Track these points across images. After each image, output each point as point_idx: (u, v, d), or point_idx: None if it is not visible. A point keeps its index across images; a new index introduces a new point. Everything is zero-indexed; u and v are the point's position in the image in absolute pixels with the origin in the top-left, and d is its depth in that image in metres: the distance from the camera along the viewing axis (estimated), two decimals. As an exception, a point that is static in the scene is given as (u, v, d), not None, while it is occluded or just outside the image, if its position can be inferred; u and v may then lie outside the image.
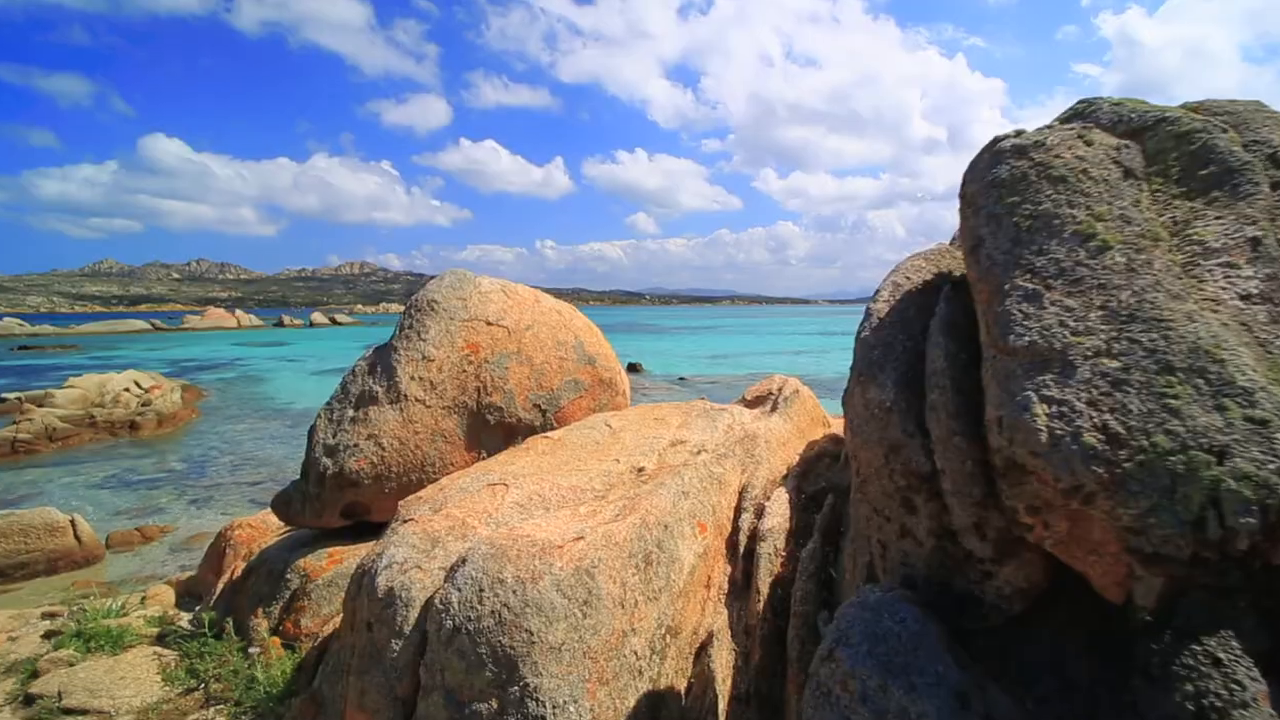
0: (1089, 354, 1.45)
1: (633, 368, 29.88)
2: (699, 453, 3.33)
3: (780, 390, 4.21)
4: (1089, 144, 1.77)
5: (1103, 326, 1.47)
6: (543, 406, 4.36)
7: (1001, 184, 1.76)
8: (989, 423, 1.55)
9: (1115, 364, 1.42)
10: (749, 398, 4.43)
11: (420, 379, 3.99)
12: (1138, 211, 1.64)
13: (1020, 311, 1.56)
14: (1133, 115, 1.98)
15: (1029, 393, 1.45)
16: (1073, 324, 1.50)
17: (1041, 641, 1.72)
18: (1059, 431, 1.39)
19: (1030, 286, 1.59)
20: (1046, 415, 1.41)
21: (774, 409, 3.97)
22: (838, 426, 4.81)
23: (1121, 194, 1.67)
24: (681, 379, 26.47)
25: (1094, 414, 1.38)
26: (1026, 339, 1.52)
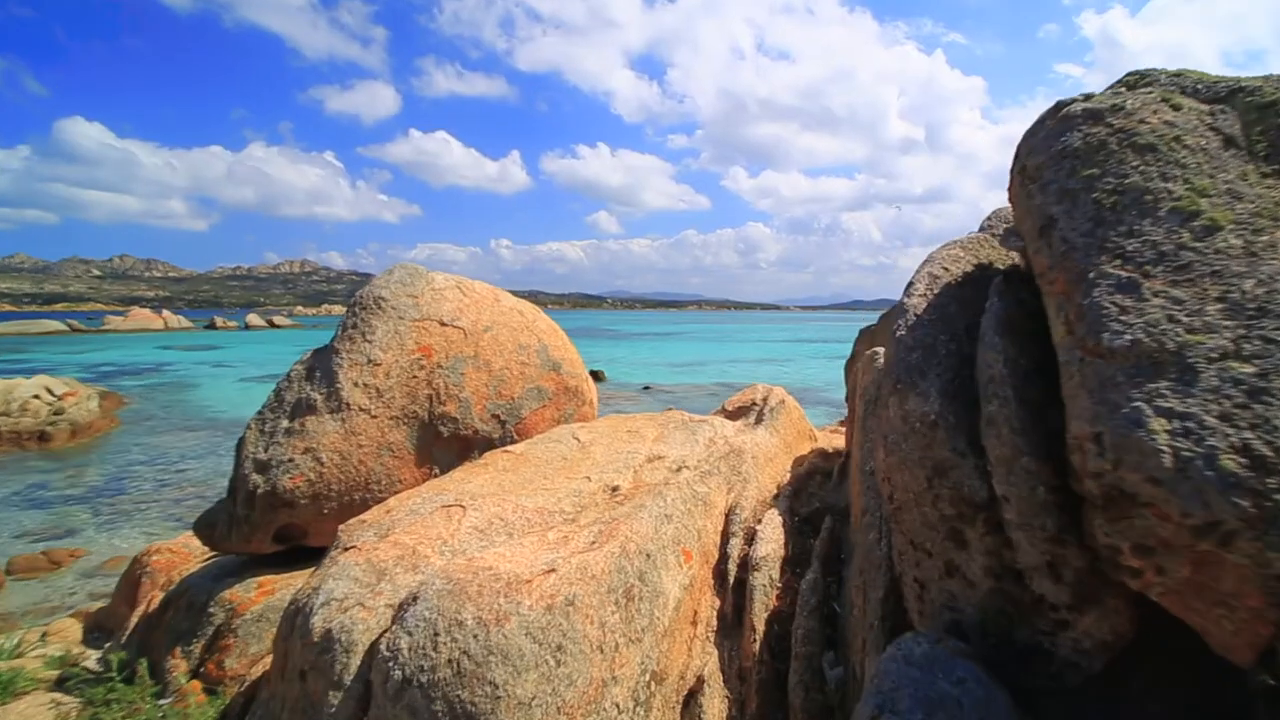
0: (1213, 356, 1.14)
1: (594, 375, 29.50)
2: (679, 469, 2.98)
3: (765, 401, 3.91)
4: (1176, 108, 1.48)
5: (1226, 322, 1.17)
6: (502, 417, 3.97)
7: (1075, 154, 1.46)
8: (1076, 441, 1.23)
9: (1250, 369, 1.11)
10: (730, 408, 4.11)
11: (365, 385, 3.56)
12: (1247, 186, 1.35)
13: (1114, 304, 1.25)
14: (1200, 86, 1.71)
15: (1139, 404, 1.14)
16: (1186, 319, 1.19)
17: (1127, 704, 1.41)
18: (1186, 454, 1.07)
19: (1123, 274, 1.28)
20: (1167, 433, 1.10)
21: (758, 421, 3.66)
22: (825, 440, 4.52)
23: (1225, 165, 1.38)
24: (646, 388, 26.13)
25: (1230, 431, 1.07)
26: (1128, 337, 1.21)
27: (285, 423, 3.49)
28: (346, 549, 2.59)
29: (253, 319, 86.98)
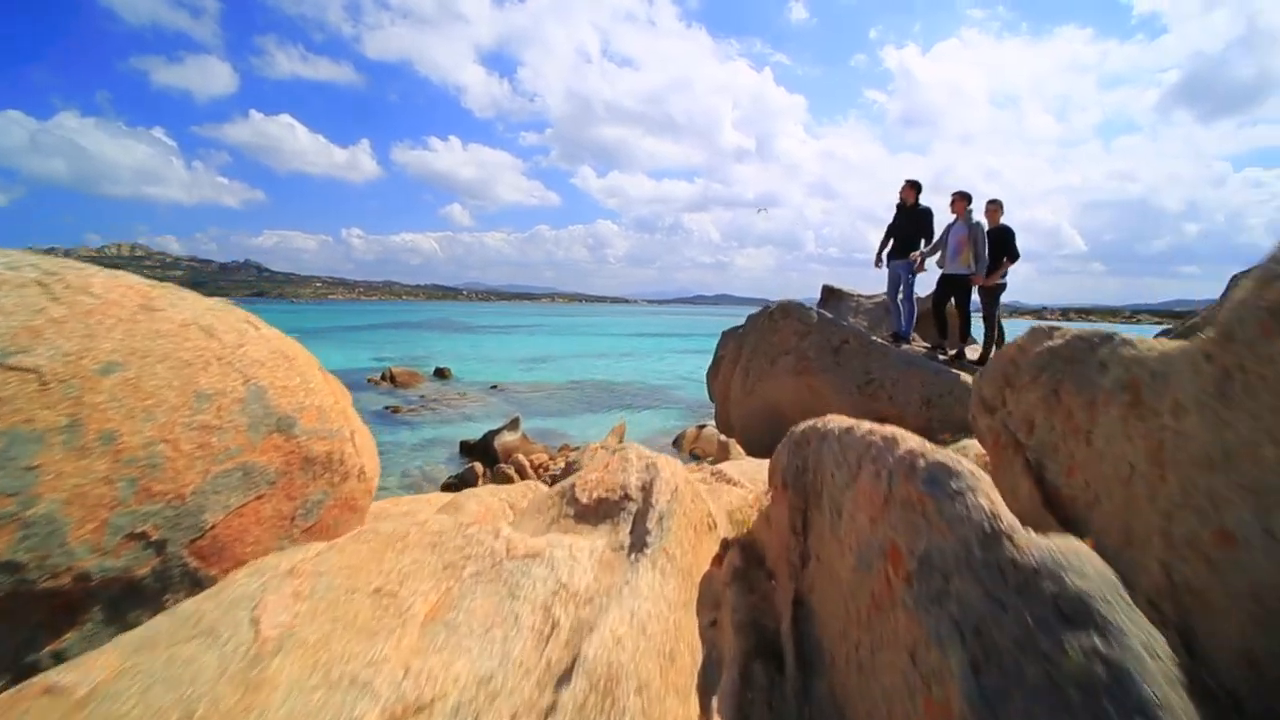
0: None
1: (440, 373, 26.80)
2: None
3: (647, 496, 2.30)
4: None
5: None
6: (156, 535, 2.06)
7: None
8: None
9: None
10: (584, 499, 2.47)
11: None
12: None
13: None
14: None
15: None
16: None
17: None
18: None
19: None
20: None
21: (638, 545, 2.04)
22: (732, 498, 3.00)
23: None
24: (494, 387, 23.94)
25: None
26: None
27: None
28: None
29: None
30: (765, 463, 6.39)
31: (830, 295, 14.74)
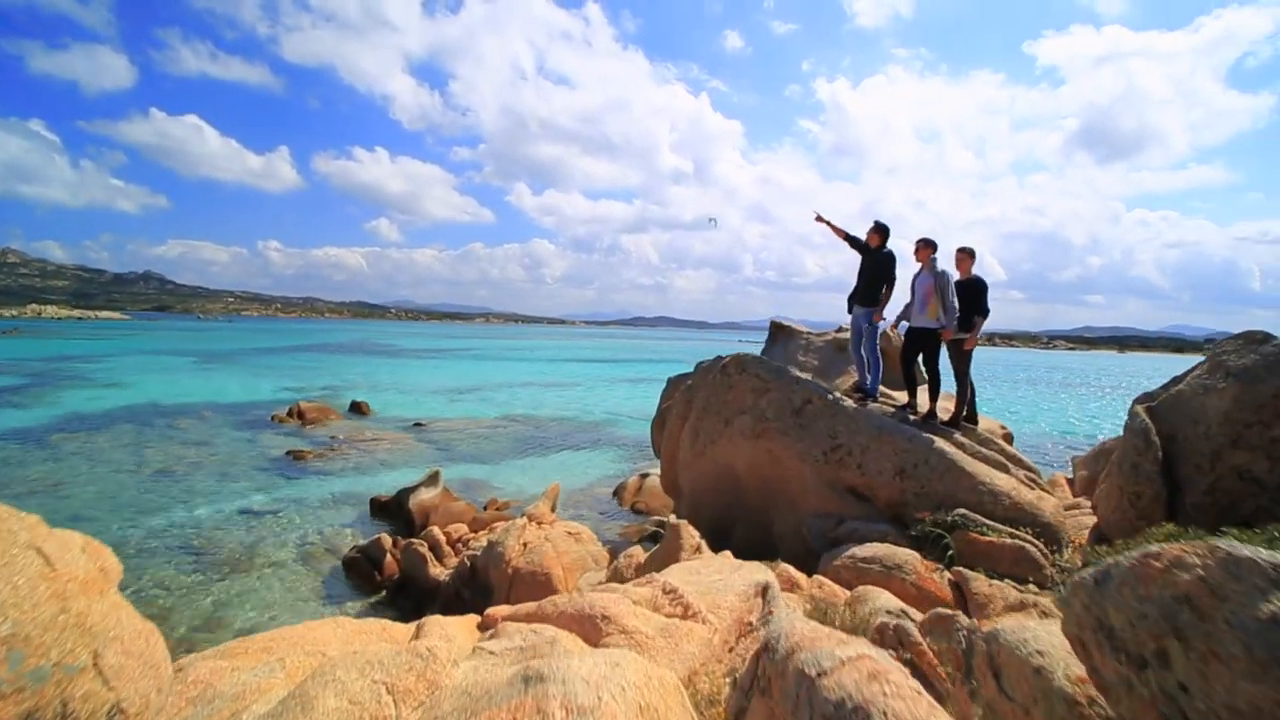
0: None
1: (356, 408, 24.81)
2: None
3: None
4: None
5: None
6: None
7: None
8: None
9: None
10: None
11: None
12: None
13: None
14: None
15: None
16: None
17: None
18: None
19: None
20: None
21: None
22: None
23: None
24: (416, 424, 22.17)
25: None
26: None
27: None
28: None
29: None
30: (726, 565, 5.31)
31: (779, 332, 13.97)
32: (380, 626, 4.54)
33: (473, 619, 5.00)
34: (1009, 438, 9.42)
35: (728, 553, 6.38)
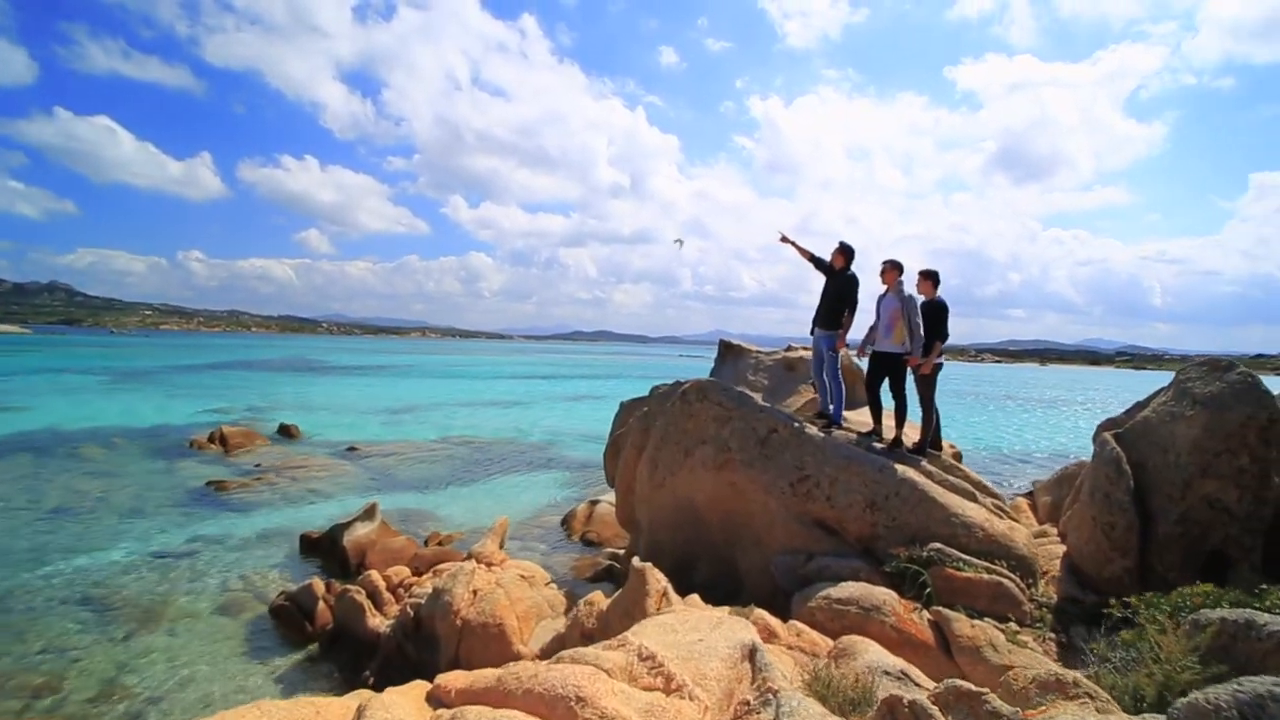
0: None
1: (285, 431, 23.42)
2: None
3: None
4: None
5: None
6: None
7: None
8: None
9: None
10: None
11: None
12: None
13: None
14: None
15: None
16: None
17: None
18: None
19: None
20: None
21: None
22: None
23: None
24: (351, 449, 21.00)
25: None
26: None
27: None
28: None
29: None
30: (703, 620, 4.88)
31: (728, 351, 13.75)
32: (313, 711, 3.93)
33: (420, 689, 4.40)
34: (958, 457, 9.34)
35: (695, 598, 5.97)
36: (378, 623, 7.27)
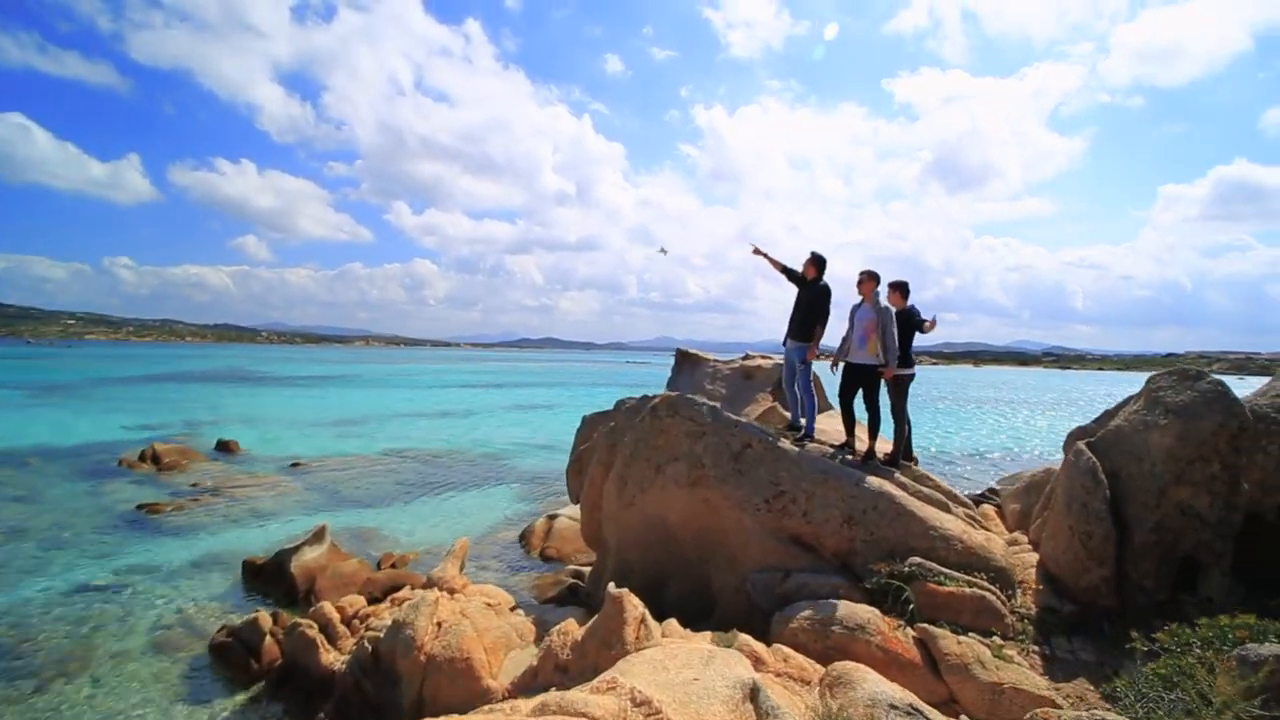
0: None
1: (224, 447, 22.25)
2: None
3: None
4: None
5: None
6: None
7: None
8: None
9: None
10: None
11: None
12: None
13: None
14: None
15: None
16: None
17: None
18: None
19: None
20: None
21: None
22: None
23: None
24: (295, 464, 20.06)
25: None
26: None
27: None
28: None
29: None
30: (695, 655, 4.61)
31: (685, 360, 13.61)
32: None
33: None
34: (915, 461, 9.33)
35: (674, 623, 5.71)
36: (332, 659, 6.78)
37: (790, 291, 7.87)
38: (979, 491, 12.45)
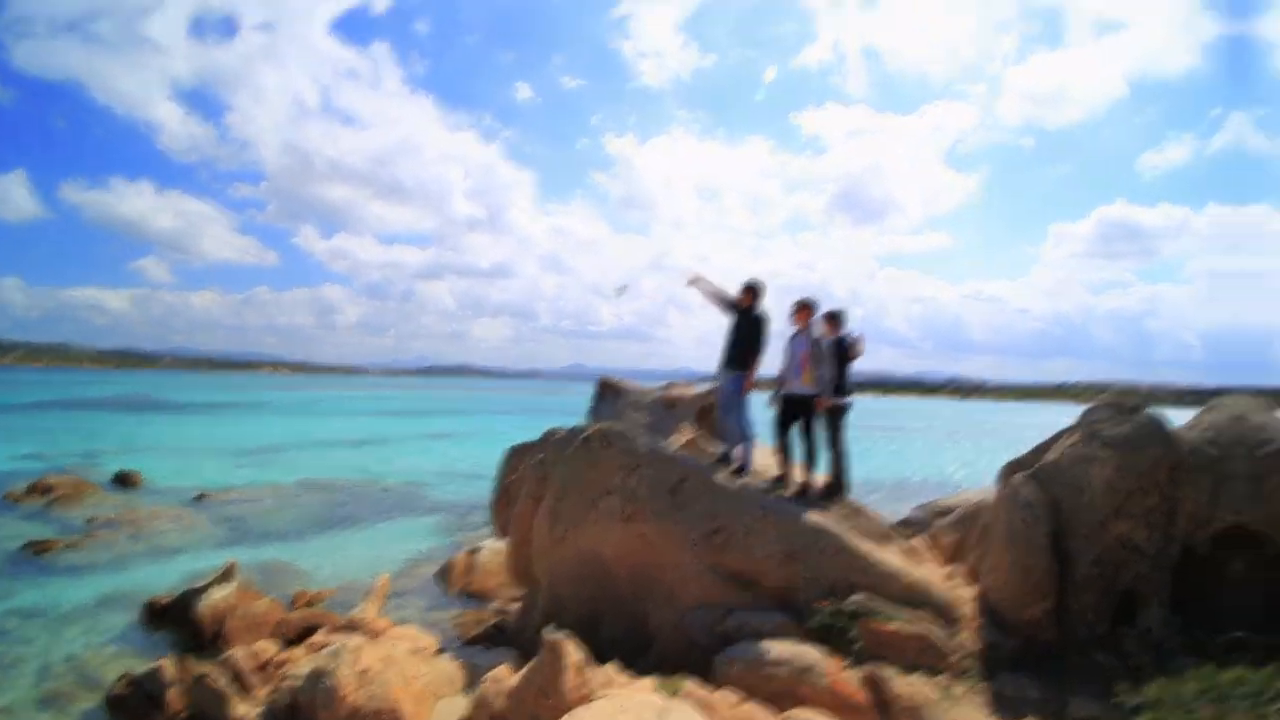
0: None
1: (122, 479, 20.40)
2: None
3: None
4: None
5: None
6: None
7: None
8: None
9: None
10: None
11: None
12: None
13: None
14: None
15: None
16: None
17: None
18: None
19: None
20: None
21: None
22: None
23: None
24: (200, 496, 18.57)
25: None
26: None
27: None
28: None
29: None
30: (646, 706, 4.28)
31: (607, 390, 13.28)
32: None
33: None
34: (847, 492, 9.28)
35: (612, 669, 5.35)
36: (244, 711, 6.13)
37: (715, 319, 7.72)
38: (897, 520, 12.55)
